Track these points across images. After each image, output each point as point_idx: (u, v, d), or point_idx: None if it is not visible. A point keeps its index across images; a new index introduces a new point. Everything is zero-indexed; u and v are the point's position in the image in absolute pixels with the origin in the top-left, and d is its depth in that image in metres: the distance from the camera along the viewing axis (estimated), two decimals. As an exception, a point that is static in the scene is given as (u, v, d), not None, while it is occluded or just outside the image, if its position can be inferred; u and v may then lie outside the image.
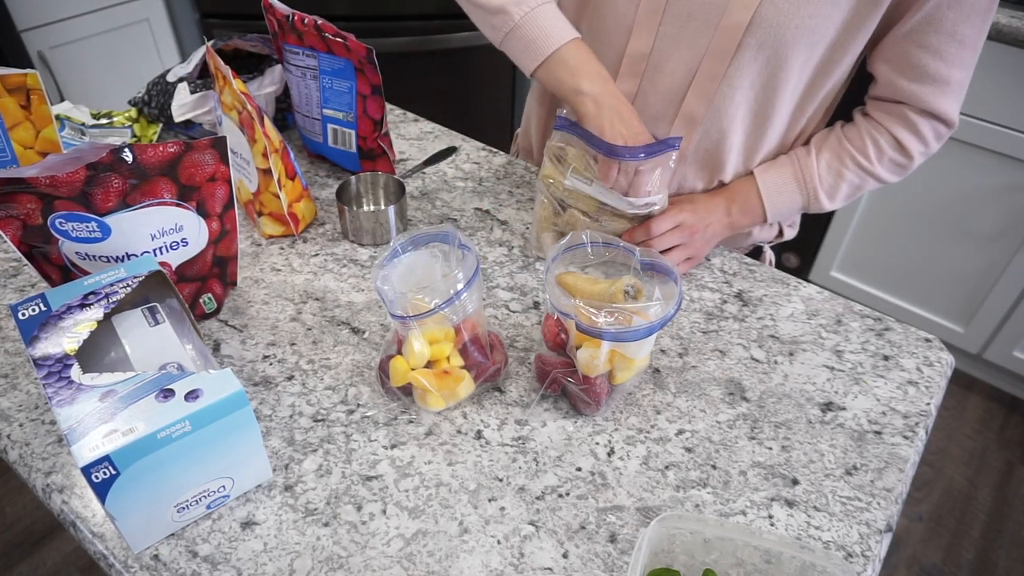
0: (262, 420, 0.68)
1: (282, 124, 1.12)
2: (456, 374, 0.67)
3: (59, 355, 0.54)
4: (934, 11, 0.73)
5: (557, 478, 0.63)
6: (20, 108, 0.85)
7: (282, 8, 0.92)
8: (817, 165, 0.86)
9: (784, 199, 0.88)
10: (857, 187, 0.87)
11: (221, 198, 0.72)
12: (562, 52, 0.80)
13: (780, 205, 0.88)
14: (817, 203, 0.88)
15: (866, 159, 0.84)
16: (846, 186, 0.86)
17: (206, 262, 0.75)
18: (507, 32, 0.82)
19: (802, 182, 0.87)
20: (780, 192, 0.87)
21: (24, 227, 0.65)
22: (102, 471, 0.49)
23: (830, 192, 0.87)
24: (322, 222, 0.94)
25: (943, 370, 0.76)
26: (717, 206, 0.87)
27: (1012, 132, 1.58)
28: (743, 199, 0.88)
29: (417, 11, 2.02)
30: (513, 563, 0.57)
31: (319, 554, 0.57)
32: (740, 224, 0.90)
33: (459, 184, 1.02)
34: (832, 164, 0.86)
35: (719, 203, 0.88)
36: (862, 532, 0.60)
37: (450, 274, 0.63)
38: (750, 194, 0.88)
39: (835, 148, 0.86)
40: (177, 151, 0.66)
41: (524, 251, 0.90)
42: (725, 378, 0.74)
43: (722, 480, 0.64)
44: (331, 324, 0.78)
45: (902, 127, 0.82)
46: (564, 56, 0.80)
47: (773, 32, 0.74)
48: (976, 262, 1.77)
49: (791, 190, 0.87)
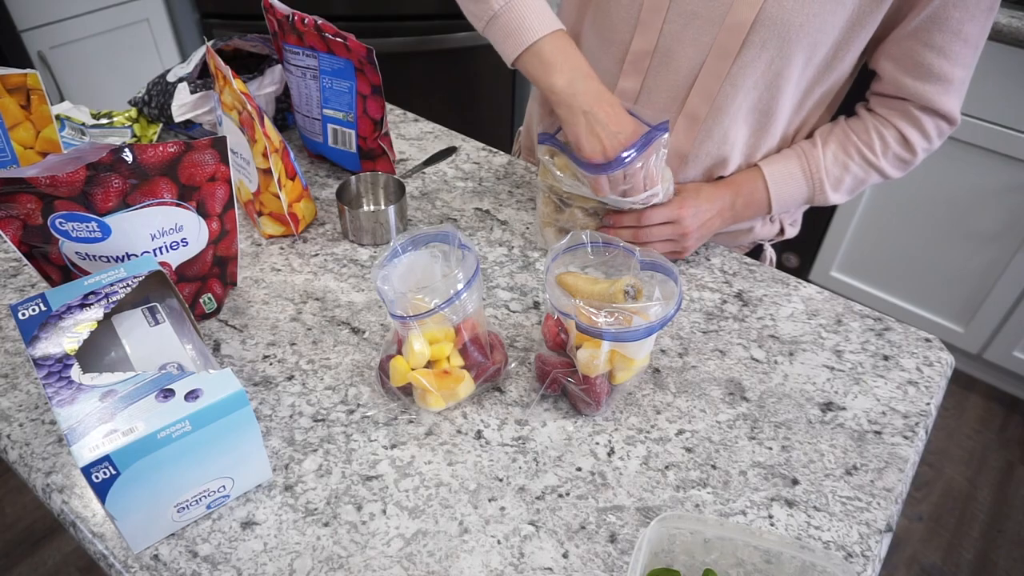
0: (262, 420, 0.68)
1: (282, 124, 1.12)
2: (456, 374, 0.67)
3: (59, 355, 0.54)
4: (939, 10, 0.73)
5: (557, 478, 0.63)
6: (20, 108, 0.85)
7: (282, 8, 0.92)
8: (823, 157, 0.85)
9: (790, 190, 0.87)
10: (861, 180, 0.87)
11: (221, 198, 0.72)
12: (539, 45, 0.77)
13: (786, 197, 0.88)
14: (823, 195, 0.87)
15: (872, 152, 0.84)
16: (850, 179, 0.86)
17: (206, 262, 0.75)
18: (487, 21, 0.80)
19: (808, 173, 0.86)
20: (786, 183, 0.87)
21: (24, 227, 0.65)
22: (102, 471, 0.49)
23: (835, 184, 0.86)
24: (322, 222, 0.94)
25: (943, 370, 0.76)
26: (721, 198, 0.86)
27: (1012, 132, 1.58)
28: (749, 191, 0.88)
29: (417, 11, 2.02)
30: (513, 563, 0.57)
31: (319, 554, 0.57)
32: (743, 217, 0.89)
33: (459, 184, 1.02)
34: (838, 156, 0.85)
35: (723, 195, 0.87)
36: (862, 532, 0.60)
37: (450, 274, 0.63)
38: (756, 186, 0.87)
39: (841, 140, 0.85)
40: (177, 151, 0.66)
41: (531, 241, 0.90)
42: (725, 378, 0.74)
43: (722, 480, 0.64)
44: (331, 324, 0.78)
45: (907, 123, 0.83)
46: (540, 49, 0.77)
47: (777, 30, 0.74)
48: (976, 262, 1.77)
49: (797, 181, 0.87)
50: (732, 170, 0.89)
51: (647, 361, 0.68)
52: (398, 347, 0.67)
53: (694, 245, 0.86)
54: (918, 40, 0.76)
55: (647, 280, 0.68)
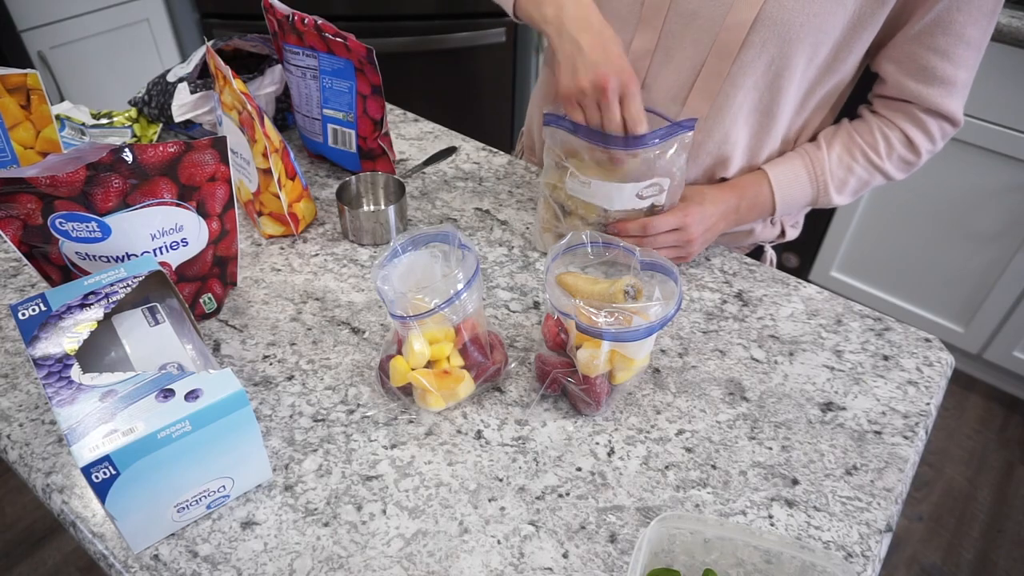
0: (262, 420, 0.68)
1: (282, 124, 1.12)
2: (456, 374, 0.67)
3: (59, 355, 0.54)
4: (943, 13, 0.74)
5: (557, 478, 0.63)
6: (20, 108, 0.85)
7: (282, 8, 0.92)
8: (828, 159, 0.85)
9: (794, 193, 0.87)
10: (865, 183, 0.87)
11: (221, 198, 0.72)
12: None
13: (790, 199, 0.87)
14: (827, 196, 0.87)
15: (876, 154, 0.84)
16: (855, 181, 0.86)
17: (206, 262, 0.75)
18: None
19: (813, 176, 0.86)
20: (791, 185, 0.87)
21: (24, 227, 0.65)
22: (102, 471, 0.49)
23: (839, 187, 0.86)
24: (322, 222, 0.94)
25: (943, 370, 0.76)
26: (725, 201, 0.86)
27: (1012, 132, 1.58)
28: (753, 194, 0.87)
29: (417, 11, 2.02)
30: (513, 563, 0.57)
31: (319, 554, 0.57)
32: (746, 220, 0.89)
33: (459, 184, 1.02)
34: (843, 159, 0.85)
35: (727, 198, 0.86)
36: (862, 532, 0.60)
37: (450, 274, 0.63)
38: (760, 189, 0.87)
39: (845, 142, 0.85)
40: (177, 151, 0.66)
41: (531, 241, 0.90)
42: (725, 378, 0.74)
43: (722, 480, 0.64)
44: (331, 324, 0.78)
45: (911, 124, 0.83)
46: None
47: (778, 30, 0.74)
48: (976, 262, 1.77)
49: (802, 184, 0.87)
50: (734, 171, 0.89)
51: (647, 361, 0.68)
52: (398, 347, 0.67)
53: (698, 249, 0.85)
54: (921, 43, 0.76)
55: (647, 280, 0.68)
